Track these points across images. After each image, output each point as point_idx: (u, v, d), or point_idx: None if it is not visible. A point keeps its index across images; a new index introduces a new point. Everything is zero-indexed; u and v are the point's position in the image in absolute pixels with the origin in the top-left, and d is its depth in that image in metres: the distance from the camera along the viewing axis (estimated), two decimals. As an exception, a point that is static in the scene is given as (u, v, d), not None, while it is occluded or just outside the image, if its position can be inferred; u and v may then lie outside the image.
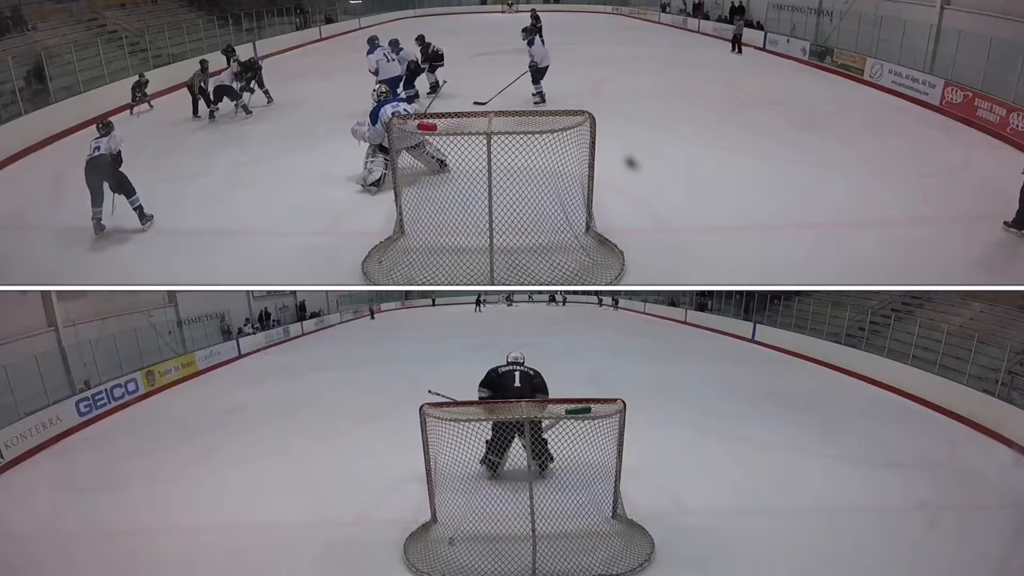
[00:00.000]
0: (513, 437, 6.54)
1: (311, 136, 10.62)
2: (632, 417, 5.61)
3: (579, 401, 5.45)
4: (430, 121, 6.47)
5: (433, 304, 30.28)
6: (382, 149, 8.20)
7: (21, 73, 11.91)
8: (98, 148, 7.59)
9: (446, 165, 7.60)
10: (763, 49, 19.01)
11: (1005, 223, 7.28)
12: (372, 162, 8.36)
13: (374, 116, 8.31)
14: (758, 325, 17.62)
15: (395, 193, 6.71)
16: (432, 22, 25.31)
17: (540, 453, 6.57)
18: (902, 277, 6.89)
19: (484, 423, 6.32)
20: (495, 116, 6.06)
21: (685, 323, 21.91)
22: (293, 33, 21.08)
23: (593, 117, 6.13)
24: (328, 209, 7.78)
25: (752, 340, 17.63)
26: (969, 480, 7.56)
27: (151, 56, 14.90)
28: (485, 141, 5.80)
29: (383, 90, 8.81)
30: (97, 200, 7.51)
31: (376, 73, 11.33)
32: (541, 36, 12.64)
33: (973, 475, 7.76)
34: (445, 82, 11.11)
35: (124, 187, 7.60)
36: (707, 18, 22.61)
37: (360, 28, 25.34)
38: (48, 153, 10.90)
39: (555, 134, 5.94)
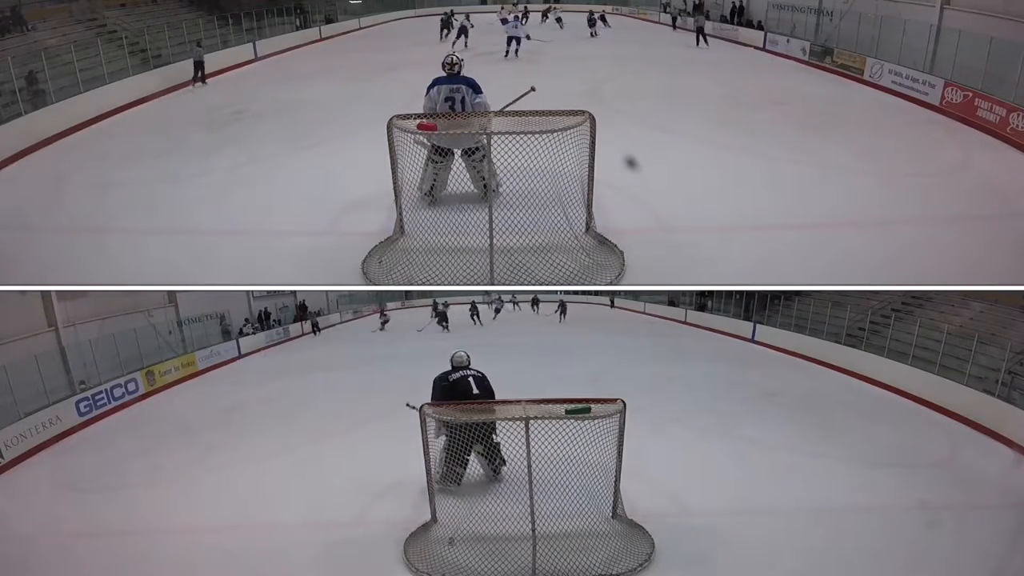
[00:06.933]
0: (472, 443, 6.32)
1: (311, 136, 10.61)
2: (632, 417, 5.60)
3: (579, 401, 5.45)
4: (430, 121, 6.47)
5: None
6: (439, 152, 7.11)
7: (22, 73, 11.92)
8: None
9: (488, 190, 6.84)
10: (763, 49, 19.04)
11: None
12: (425, 169, 7.31)
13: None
14: (758, 325, 17.63)
15: (395, 193, 6.70)
16: (431, 22, 25.28)
17: (494, 457, 6.50)
18: (902, 277, 6.86)
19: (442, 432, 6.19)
20: (495, 116, 6.06)
21: (685, 323, 21.92)
22: (293, 33, 21.12)
23: (593, 117, 6.12)
24: (328, 209, 7.78)
25: (752, 340, 17.64)
26: (969, 480, 7.55)
27: (151, 56, 14.91)
28: (485, 141, 5.81)
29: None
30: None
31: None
32: None
33: (973, 475, 7.75)
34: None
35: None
36: (707, 18, 22.62)
37: (360, 28, 25.32)
38: (48, 153, 10.90)
39: (555, 134, 5.93)
